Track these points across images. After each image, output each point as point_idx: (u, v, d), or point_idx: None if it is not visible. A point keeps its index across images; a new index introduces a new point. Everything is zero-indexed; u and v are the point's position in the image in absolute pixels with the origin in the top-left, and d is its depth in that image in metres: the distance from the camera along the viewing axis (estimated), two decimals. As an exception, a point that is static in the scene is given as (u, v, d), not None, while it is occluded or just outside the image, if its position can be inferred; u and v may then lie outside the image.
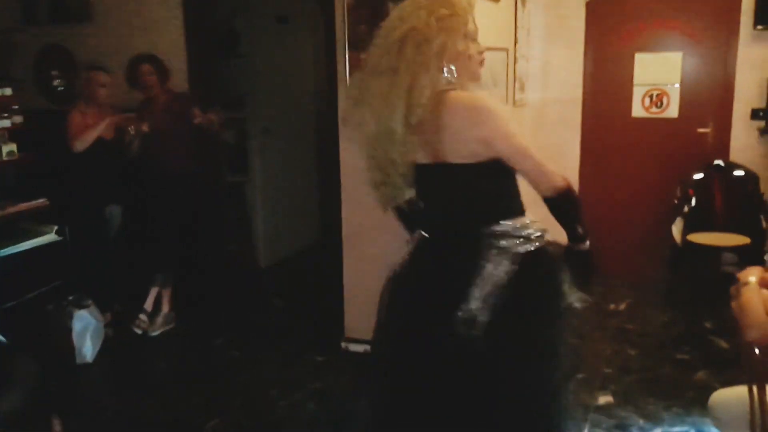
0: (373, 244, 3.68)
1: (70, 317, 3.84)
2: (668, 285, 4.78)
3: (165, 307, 4.33)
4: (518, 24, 4.75)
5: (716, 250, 4.63)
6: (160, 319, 4.29)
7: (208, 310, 4.60)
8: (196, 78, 4.45)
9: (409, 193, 2.02)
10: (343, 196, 3.81)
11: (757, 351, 1.65)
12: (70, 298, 3.95)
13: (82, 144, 4.04)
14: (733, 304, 1.71)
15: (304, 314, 4.54)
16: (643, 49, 4.89)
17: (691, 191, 4.61)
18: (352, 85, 2.46)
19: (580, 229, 1.98)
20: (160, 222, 4.26)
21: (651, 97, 4.90)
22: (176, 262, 4.36)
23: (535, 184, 1.92)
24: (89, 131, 4.04)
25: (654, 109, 4.91)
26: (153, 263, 4.33)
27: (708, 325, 4.22)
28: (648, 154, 4.98)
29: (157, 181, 4.24)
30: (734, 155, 4.74)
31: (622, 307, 4.60)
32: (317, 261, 5.14)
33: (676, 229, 4.63)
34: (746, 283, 1.70)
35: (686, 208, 4.63)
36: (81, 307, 3.93)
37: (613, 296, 4.73)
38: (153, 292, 4.29)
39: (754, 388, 1.72)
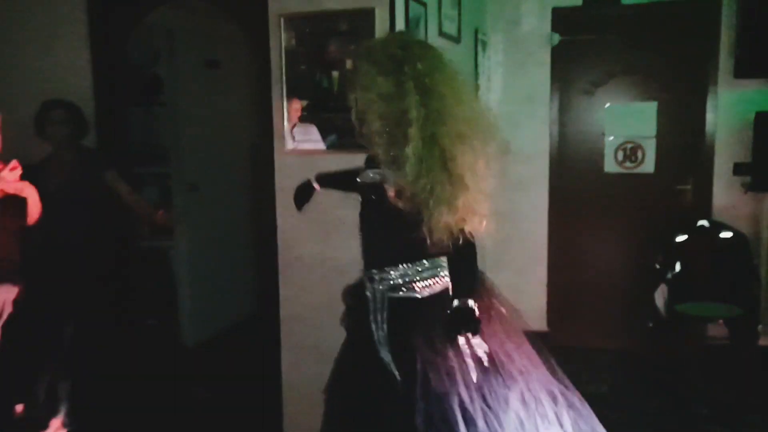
0: (316, 332, 3.03)
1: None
2: (653, 361, 4.24)
3: (61, 405, 3.53)
4: (480, 70, 4.26)
5: (705, 322, 4.14)
6: (55, 421, 3.49)
7: (116, 404, 3.80)
8: (106, 129, 3.75)
9: None
10: (282, 272, 3.16)
11: None
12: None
13: None
14: None
15: (234, 407, 3.82)
16: (615, 98, 4.45)
17: (673, 256, 4.12)
18: None
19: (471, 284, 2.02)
20: (58, 299, 3.49)
21: (625, 150, 4.45)
22: (75, 348, 3.58)
23: None
24: None
25: (628, 164, 4.46)
26: (46, 348, 3.54)
27: (704, 411, 3.68)
28: (624, 213, 4.51)
29: (56, 252, 3.48)
30: (718, 214, 4.30)
31: (604, 389, 4.03)
32: (251, 339, 4.43)
33: (660, 297, 4.12)
34: None
35: (669, 275, 4.13)
36: None
37: (592, 376, 4.16)
38: (44, 385, 3.50)
39: None
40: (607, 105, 4.47)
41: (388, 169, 1.93)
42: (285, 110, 3.04)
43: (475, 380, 1.92)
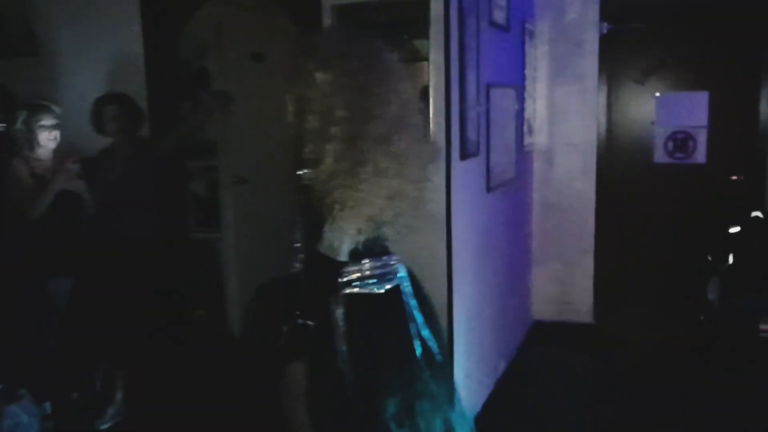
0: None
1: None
2: (704, 355, 4.17)
3: (116, 394, 3.61)
4: (527, 60, 4.23)
5: (758, 315, 4.05)
6: (111, 410, 3.57)
7: (168, 395, 3.87)
8: (159, 122, 3.81)
9: None
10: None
11: None
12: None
13: (36, 209, 3.37)
14: None
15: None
16: (666, 87, 4.37)
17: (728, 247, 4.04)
18: None
19: None
20: (113, 294, 3.55)
21: (675, 141, 4.38)
22: (131, 339, 3.65)
23: None
24: (44, 193, 3.37)
25: (679, 155, 4.38)
26: (103, 340, 3.61)
27: (756, 406, 3.60)
28: (674, 205, 4.43)
29: (111, 248, 3.54)
30: (773, 205, 4.21)
31: (652, 383, 3.97)
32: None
33: (712, 290, 4.05)
34: None
35: (722, 267, 4.06)
36: (12, 400, 3.22)
37: (641, 369, 4.11)
38: (103, 375, 3.58)
39: None
40: (658, 94, 4.40)
41: (314, 168, 1.76)
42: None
43: None
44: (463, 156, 3.06)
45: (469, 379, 3.31)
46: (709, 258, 4.11)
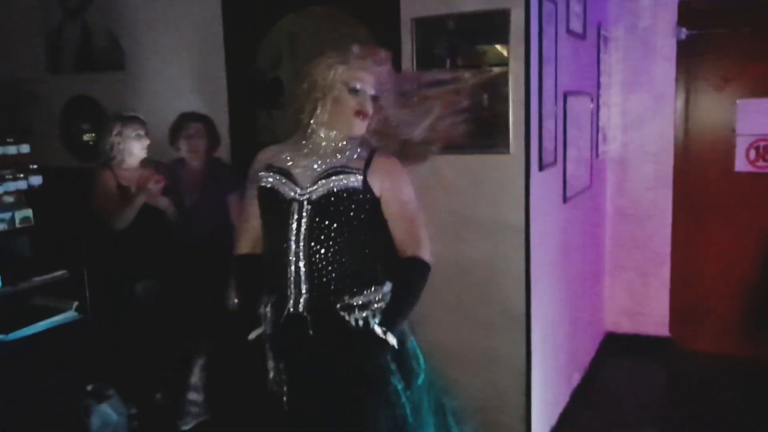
0: (445, 330, 3.07)
1: (88, 413, 3.26)
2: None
3: (199, 394, 3.72)
4: (601, 66, 4.17)
5: None
6: (193, 410, 3.68)
7: (249, 395, 3.96)
8: (238, 134, 3.93)
9: None
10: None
11: None
12: (89, 388, 3.38)
13: (122, 222, 3.53)
14: None
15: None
16: (747, 93, 4.24)
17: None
18: None
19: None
20: (195, 297, 3.67)
21: (757, 149, 4.24)
22: (212, 340, 3.76)
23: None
24: (129, 207, 3.52)
25: (761, 163, 4.24)
26: (186, 341, 3.74)
27: None
28: (755, 215, 4.28)
29: (190, 258, 3.67)
30: None
31: (730, 398, 3.86)
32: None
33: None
34: None
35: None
36: (101, 399, 3.36)
37: (718, 384, 4.00)
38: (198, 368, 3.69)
39: None
40: (738, 101, 4.27)
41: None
42: (415, 112, 3.08)
43: None
44: (542, 167, 3.04)
45: (546, 391, 3.28)
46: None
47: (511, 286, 2.97)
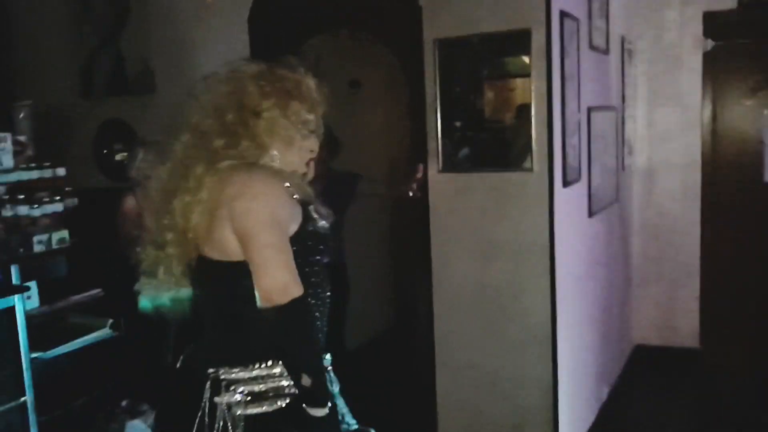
0: (472, 349, 3.10)
1: (122, 428, 3.35)
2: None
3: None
4: (626, 79, 4.17)
5: None
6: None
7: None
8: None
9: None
10: (435, 290, 3.24)
11: None
12: (123, 403, 3.46)
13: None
14: None
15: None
16: (776, 104, 4.21)
17: None
18: None
19: (305, 380, 1.54)
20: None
21: (787, 159, 4.19)
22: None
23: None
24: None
25: (791, 173, 4.19)
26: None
27: None
28: (786, 226, 4.24)
29: None
30: None
31: (764, 416, 3.79)
32: (394, 357, 4.52)
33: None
34: None
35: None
36: (135, 414, 3.44)
37: (750, 400, 3.94)
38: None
39: None
40: (766, 111, 4.23)
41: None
42: (439, 131, 3.12)
43: None
44: (566, 183, 3.06)
45: (573, 408, 3.28)
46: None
47: (537, 304, 2.99)
